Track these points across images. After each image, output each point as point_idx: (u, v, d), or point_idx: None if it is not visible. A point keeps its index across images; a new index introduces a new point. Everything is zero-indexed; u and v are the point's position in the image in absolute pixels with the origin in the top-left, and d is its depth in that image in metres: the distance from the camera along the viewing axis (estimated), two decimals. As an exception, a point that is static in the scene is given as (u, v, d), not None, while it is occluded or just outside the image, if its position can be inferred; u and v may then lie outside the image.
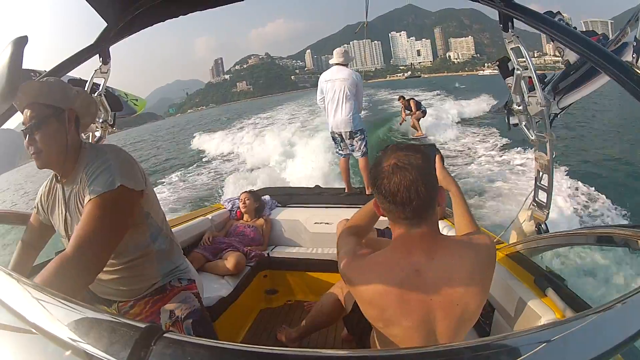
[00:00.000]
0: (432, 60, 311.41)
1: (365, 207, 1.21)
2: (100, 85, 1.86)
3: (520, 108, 1.70)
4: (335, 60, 3.39)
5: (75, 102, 1.10)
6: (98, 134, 1.99)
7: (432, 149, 1.20)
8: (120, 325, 0.42)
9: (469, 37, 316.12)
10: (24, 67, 0.87)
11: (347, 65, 3.40)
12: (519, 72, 1.62)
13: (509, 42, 1.58)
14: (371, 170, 0.90)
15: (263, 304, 2.41)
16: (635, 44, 1.25)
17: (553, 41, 1.27)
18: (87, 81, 1.80)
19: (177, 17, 1.55)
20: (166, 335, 0.39)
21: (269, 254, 2.51)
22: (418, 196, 0.82)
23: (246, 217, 2.73)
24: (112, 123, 2.02)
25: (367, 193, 3.25)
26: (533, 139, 1.75)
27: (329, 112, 3.36)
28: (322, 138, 8.72)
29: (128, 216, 1.04)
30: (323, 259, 2.38)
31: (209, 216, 2.64)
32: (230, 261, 2.20)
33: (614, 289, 2.97)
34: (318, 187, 3.81)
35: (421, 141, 8.77)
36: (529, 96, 1.64)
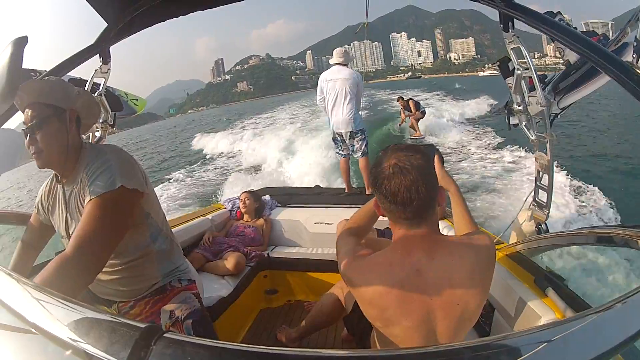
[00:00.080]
0: (432, 61, 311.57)
1: (364, 207, 1.21)
2: (100, 85, 1.87)
3: (521, 108, 1.70)
4: (335, 60, 3.38)
5: (77, 102, 1.09)
6: (98, 134, 1.99)
7: (432, 149, 1.20)
8: (120, 325, 0.42)
9: (470, 38, 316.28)
10: (24, 67, 0.87)
11: (348, 65, 3.40)
12: (519, 72, 1.62)
13: (509, 42, 1.59)
14: (371, 171, 0.90)
15: (263, 304, 2.41)
16: (635, 44, 1.25)
17: (553, 41, 1.27)
18: (87, 81, 1.80)
19: (177, 17, 1.56)
20: (166, 335, 0.39)
21: (269, 254, 2.51)
22: (418, 196, 0.82)
23: (246, 217, 2.72)
24: (112, 123, 2.02)
25: (367, 193, 3.24)
26: (533, 139, 1.75)
27: (329, 112, 3.34)
28: (322, 138, 8.71)
29: (128, 216, 1.04)
30: (323, 259, 2.38)
31: (209, 216, 2.64)
32: (230, 261, 2.20)
33: (614, 289, 2.97)
34: (318, 187, 3.82)
35: (419, 142, 8.78)
36: (529, 96, 1.64)
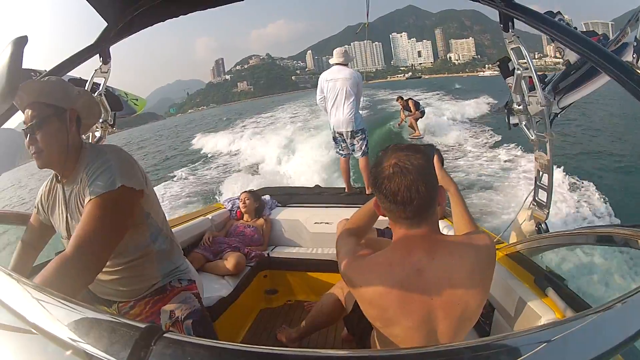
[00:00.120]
0: (432, 61, 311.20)
1: (364, 207, 1.20)
2: (100, 85, 1.87)
3: (521, 108, 1.70)
4: (335, 60, 3.38)
5: (77, 102, 1.09)
6: (98, 134, 1.99)
7: (431, 149, 1.21)
8: (120, 326, 0.42)
9: (470, 38, 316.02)
10: (24, 67, 0.87)
11: (348, 65, 3.40)
12: (519, 72, 1.62)
13: (509, 42, 1.59)
14: (372, 170, 0.90)
15: (263, 304, 2.41)
16: (635, 44, 1.26)
17: (553, 41, 1.27)
18: (87, 81, 1.80)
19: (177, 17, 1.56)
20: (166, 335, 0.39)
21: (269, 254, 2.51)
22: (419, 195, 0.82)
23: (246, 217, 2.72)
24: (112, 123, 2.02)
25: (367, 193, 3.25)
26: (533, 138, 1.75)
27: (330, 111, 3.34)
28: (322, 138, 8.72)
29: (128, 216, 1.04)
30: (323, 259, 2.38)
31: (209, 216, 2.64)
32: (230, 261, 2.20)
33: (614, 289, 2.97)
34: (318, 187, 3.82)
35: (418, 142, 8.75)
36: (529, 96, 1.64)
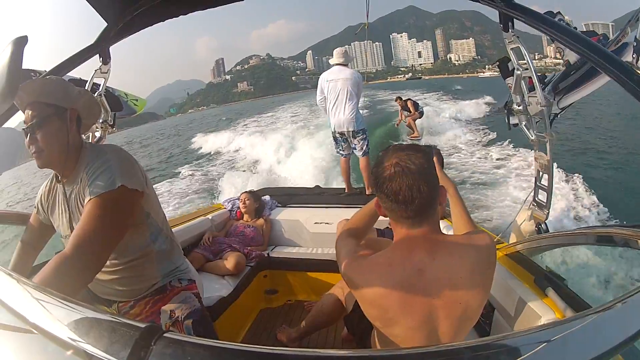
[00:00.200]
0: (433, 61, 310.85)
1: (365, 207, 1.21)
2: (100, 85, 1.87)
3: (521, 108, 1.70)
4: (335, 60, 3.38)
5: (78, 102, 1.09)
6: (98, 134, 1.99)
7: (431, 149, 1.21)
8: (120, 325, 0.42)
9: (470, 39, 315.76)
10: (24, 67, 0.87)
11: (348, 65, 3.40)
12: (519, 72, 1.62)
13: (509, 43, 1.59)
14: (373, 170, 0.90)
15: (263, 304, 2.41)
16: (635, 44, 1.26)
17: (553, 41, 1.27)
18: (87, 81, 1.80)
19: (177, 17, 1.56)
20: (166, 335, 0.39)
21: (269, 254, 2.51)
22: (420, 195, 0.82)
23: (246, 217, 2.72)
24: (112, 123, 2.02)
25: (367, 193, 3.25)
26: (533, 139, 1.75)
27: (330, 111, 3.34)
28: (322, 138, 8.72)
29: (128, 216, 1.04)
30: (323, 259, 2.38)
31: (209, 216, 2.64)
32: (230, 261, 2.20)
33: (614, 289, 2.97)
34: (318, 187, 3.82)
35: (416, 142, 8.74)
36: (529, 96, 1.64)
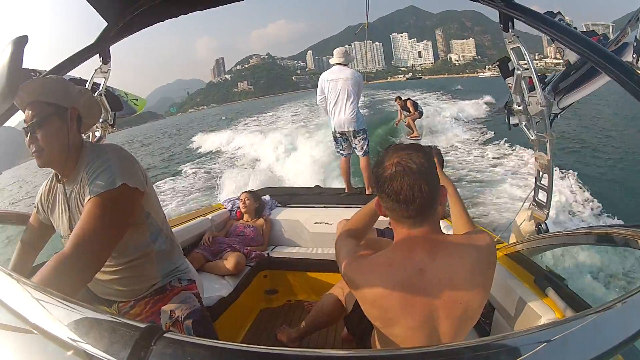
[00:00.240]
0: (433, 62, 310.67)
1: (365, 207, 1.21)
2: (100, 84, 1.87)
3: (521, 108, 1.70)
4: (335, 60, 3.38)
5: (78, 101, 1.09)
6: (98, 133, 1.99)
7: (432, 149, 1.21)
8: (120, 325, 0.42)
9: (470, 39, 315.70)
10: (24, 66, 0.87)
11: (348, 65, 3.40)
12: (519, 72, 1.62)
13: (509, 42, 1.59)
14: (374, 170, 0.90)
15: (263, 304, 2.41)
16: (635, 44, 1.26)
17: (553, 41, 1.27)
18: (87, 81, 1.80)
19: (177, 17, 1.56)
20: (166, 335, 0.39)
21: (269, 254, 2.51)
22: (421, 195, 0.82)
23: (246, 217, 2.72)
24: (112, 123, 2.02)
25: (367, 193, 3.25)
26: (533, 139, 1.75)
27: (331, 111, 3.34)
28: (322, 137, 8.71)
29: (128, 215, 1.04)
30: (323, 259, 2.38)
31: (209, 216, 2.64)
32: (230, 261, 2.20)
33: (614, 289, 2.97)
34: (318, 187, 3.82)
35: (415, 142, 8.71)
36: (529, 96, 1.64)
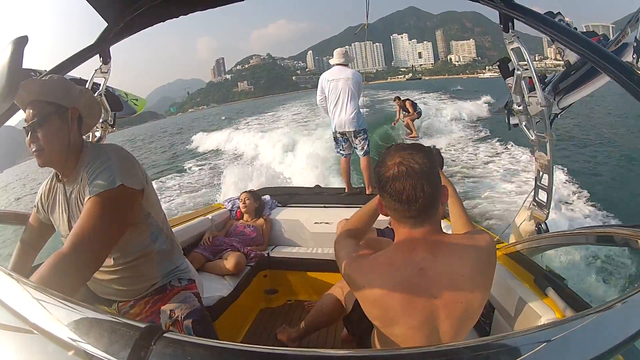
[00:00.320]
0: (433, 62, 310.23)
1: (365, 207, 1.21)
2: (100, 85, 1.86)
3: (521, 108, 1.70)
4: (336, 60, 3.38)
5: (79, 101, 1.09)
6: (98, 134, 1.99)
7: (432, 150, 1.21)
8: (120, 325, 0.42)
9: (471, 40, 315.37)
10: (25, 66, 0.87)
11: (348, 65, 3.40)
12: (519, 73, 1.62)
13: (509, 43, 1.59)
14: (375, 170, 0.90)
15: (263, 303, 2.41)
16: (635, 44, 1.26)
17: (553, 42, 1.27)
18: (87, 81, 1.80)
19: (177, 17, 1.56)
20: (166, 335, 0.39)
21: (269, 253, 2.51)
22: (424, 195, 0.82)
23: (246, 217, 2.72)
24: (112, 123, 2.02)
25: (367, 193, 3.25)
26: (533, 139, 1.75)
27: (331, 111, 3.34)
28: (322, 137, 8.71)
29: (128, 215, 1.04)
30: (323, 258, 2.38)
31: (209, 216, 2.64)
32: (230, 261, 2.20)
33: (614, 289, 2.97)
34: (318, 187, 3.82)
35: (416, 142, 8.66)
36: (529, 96, 1.64)
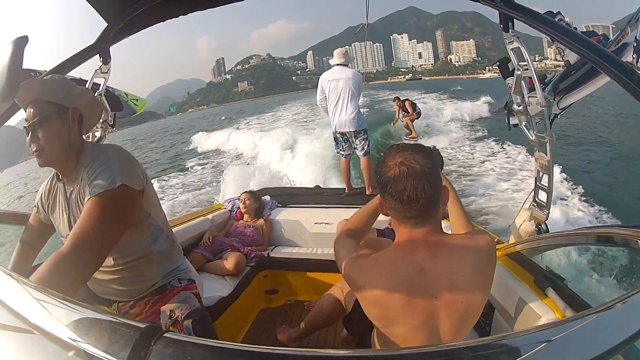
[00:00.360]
0: (433, 62, 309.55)
1: (364, 207, 1.21)
2: (100, 85, 1.87)
3: (521, 108, 1.70)
4: (336, 60, 3.38)
5: (80, 102, 1.09)
6: (98, 134, 1.99)
7: (432, 150, 1.21)
8: (120, 325, 0.42)
9: (471, 40, 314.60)
10: (25, 66, 0.87)
11: (348, 66, 3.40)
12: (519, 73, 1.62)
13: (509, 43, 1.59)
14: (376, 170, 0.90)
15: (263, 304, 2.41)
16: (635, 44, 1.26)
17: (553, 42, 1.27)
18: (87, 81, 1.80)
19: (177, 17, 1.56)
20: (166, 335, 0.39)
21: (269, 254, 2.51)
22: (425, 195, 0.82)
23: (246, 217, 2.72)
24: (112, 123, 2.02)
25: (367, 193, 3.25)
26: (533, 139, 1.75)
27: (332, 112, 3.33)
28: (322, 137, 8.71)
29: (128, 215, 1.04)
30: (323, 259, 2.38)
31: (209, 216, 2.64)
32: (230, 261, 2.20)
33: (614, 289, 2.97)
34: (318, 187, 3.82)
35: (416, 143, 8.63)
36: (529, 96, 1.64)
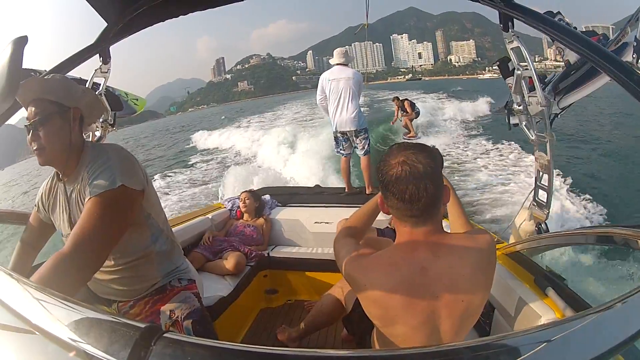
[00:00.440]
0: (433, 63, 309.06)
1: (364, 206, 1.21)
2: (100, 84, 1.87)
3: (521, 108, 1.70)
4: (336, 60, 3.38)
5: (81, 101, 1.09)
6: (98, 133, 1.99)
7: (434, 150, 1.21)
8: (120, 325, 0.42)
9: (471, 40, 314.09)
10: (24, 66, 0.87)
11: (348, 65, 3.40)
12: (519, 72, 1.62)
13: (509, 42, 1.59)
14: (378, 168, 0.89)
15: (263, 303, 2.41)
16: (635, 44, 1.26)
17: (553, 41, 1.27)
18: (87, 81, 1.80)
19: (177, 17, 1.56)
20: (166, 335, 0.39)
21: (269, 253, 2.51)
22: (426, 194, 0.82)
23: (246, 216, 2.72)
24: (112, 123, 2.02)
25: (367, 193, 3.25)
26: (533, 139, 1.75)
27: (332, 111, 3.33)
28: (322, 137, 8.72)
29: (128, 215, 1.04)
30: (323, 258, 2.38)
31: (209, 216, 2.63)
32: (230, 261, 2.20)
33: (614, 289, 2.97)
34: (318, 186, 3.82)
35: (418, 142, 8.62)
36: (529, 96, 1.64)
